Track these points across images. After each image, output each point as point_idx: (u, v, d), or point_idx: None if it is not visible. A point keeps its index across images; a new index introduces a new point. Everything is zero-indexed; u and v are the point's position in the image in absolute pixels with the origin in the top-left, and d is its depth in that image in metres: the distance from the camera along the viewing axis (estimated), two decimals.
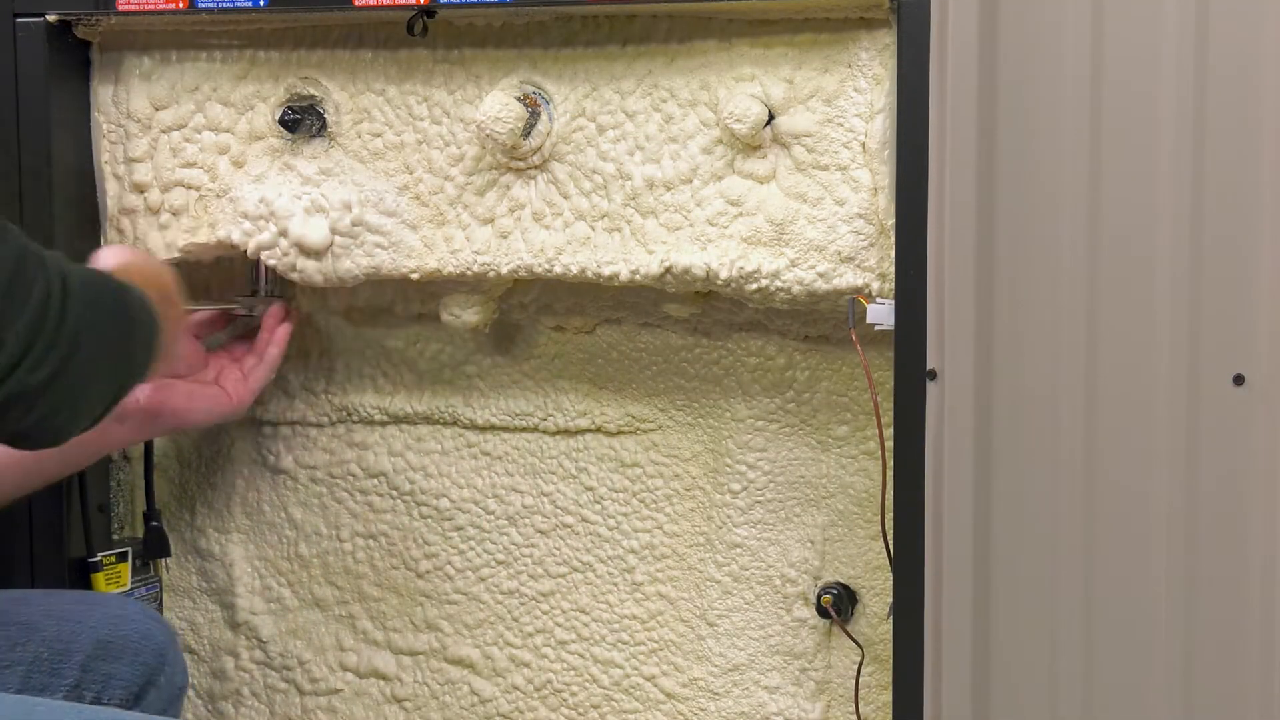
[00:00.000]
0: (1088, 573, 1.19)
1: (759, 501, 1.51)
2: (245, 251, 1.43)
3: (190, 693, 1.63)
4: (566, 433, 1.56)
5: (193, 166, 1.45)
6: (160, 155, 1.45)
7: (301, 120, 1.40)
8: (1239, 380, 1.15)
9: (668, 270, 1.33)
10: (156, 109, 1.45)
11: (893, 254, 1.23)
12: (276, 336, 1.46)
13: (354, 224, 1.40)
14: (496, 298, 1.47)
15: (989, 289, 1.19)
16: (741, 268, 1.31)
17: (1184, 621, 1.17)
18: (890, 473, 1.26)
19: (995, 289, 1.19)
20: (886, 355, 1.27)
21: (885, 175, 1.26)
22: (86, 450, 1.30)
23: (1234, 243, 1.14)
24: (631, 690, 1.56)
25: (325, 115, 1.41)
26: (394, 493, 1.61)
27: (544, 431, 1.57)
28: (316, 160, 1.41)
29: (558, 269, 1.37)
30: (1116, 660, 1.19)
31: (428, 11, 1.34)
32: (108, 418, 1.07)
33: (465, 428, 1.59)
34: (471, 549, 1.60)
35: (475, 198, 1.38)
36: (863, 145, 1.27)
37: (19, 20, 1.38)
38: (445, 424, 1.59)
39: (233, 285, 1.58)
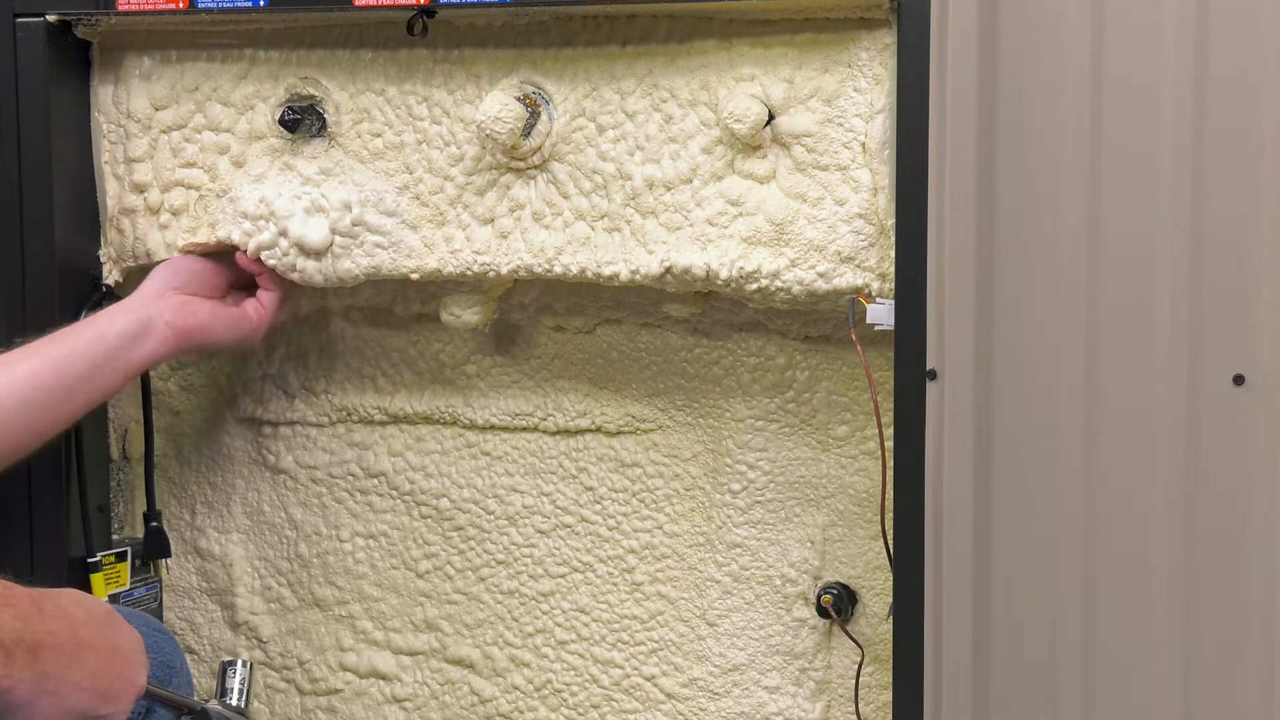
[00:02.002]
0: (1088, 573, 1.19)
1: (759, 501, 1.51)
2: (245, 252, 1.43)
3: None
4: (566, 433, 1.56)
5: (193, 166, 1.45)
6: (160, 155, 1.45)
7: (301, 120, 1.40)
8: (1239, 380, 1.15)
9: (668, 270, 1.33)
10: (156, 109, 1.45)
11: (893, 254, 1.23)
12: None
13: (354, 224, 1.40)
14: (496, 298, 1.47)
15: (989, 289, 1.19)
16: (741, 268, 1.31)
17: (1184, 621, 1.17)
18: (890, 473, 1.26)
19: (995, 289, 1.19)
20: (886, 355, 1.27)
21: (885, 175, 1.26)
22: (117, 370, 1.32)
23: (1234, 243, 1.14)
24: (631, 690, 1.56)
25: (325, 115, 1.41)
26: (394, 493, 1.61)
27: (544, 431, 1.57)
28: (316, 160, 1.41)
29: (558, 269, 1.37)
30: (1116, 660, 1.19)
31: (428, 11, 1.34)
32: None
33: (465, 428, 1.59)
34: (471, 549, 1.60)
35: (475, 198, 1.38)
36: (863, 145, 1.27)
37: (19, 20, 1.38)
38: (445, 424, 1.59)
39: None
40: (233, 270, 1.46)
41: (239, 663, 1.32)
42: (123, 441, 1.56)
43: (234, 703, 1.31)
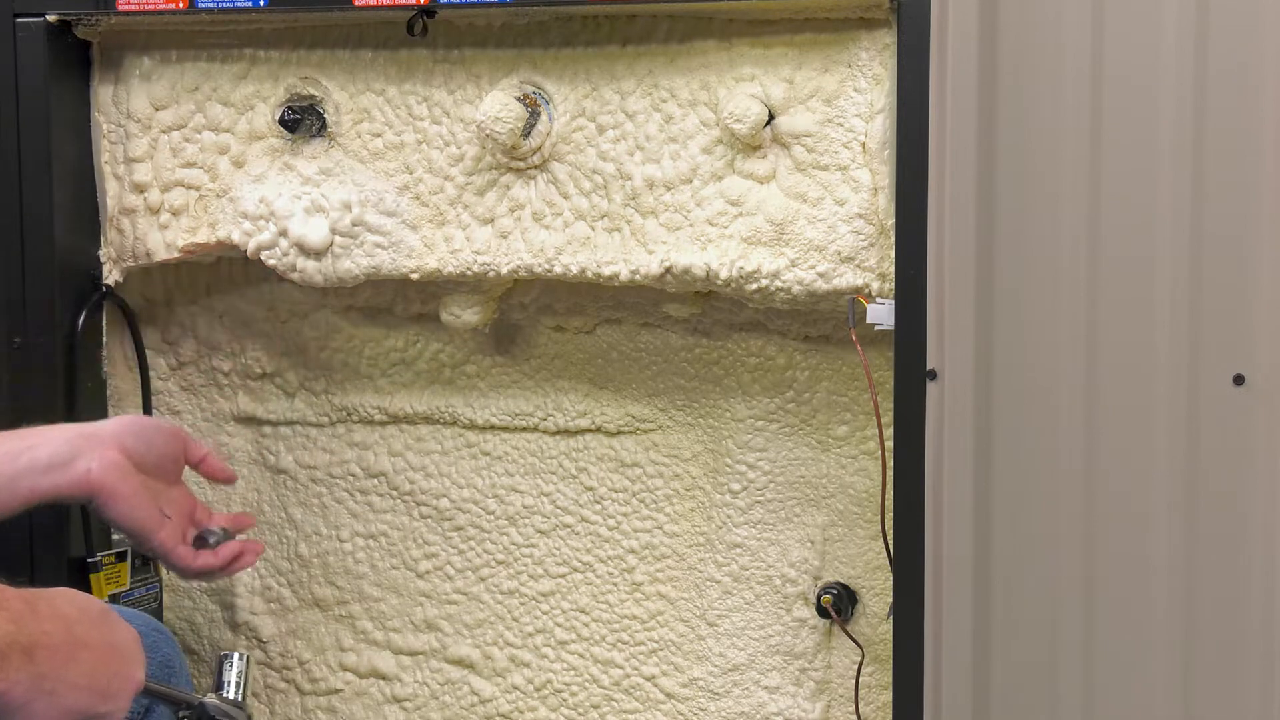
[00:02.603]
0: (1088, 572, 1.19)
1: (759, 501, 1.51)
2: (245, 252, 1.43)
3: None
4: (566, 433, 1.56)
5: (193, 166, 1.45)
6: (160, 155, 1.45)
7: (301, 120, 1.40)
8: (1239, 380, 1.15)
9: (668, 270, 1.33)
10: (156, 109, 1.45)
11: (893, 254, 1.23)
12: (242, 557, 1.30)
13: (354, 224, 1.40)
14: (496, 298, 1.47)
15: (989, 289, 1.19)
16: (741, 268, 1.31)
17: (1184, 621, 1.17)
18: (890, 473, 1.26)
19: (995, 289, 1.19)
20: (886, 355, 1.27)
21: (885, 175, 1.26)
22: (16, 494, 1.17)
23: (1234, 243, 1.14)
24: (631, 690, 1.56)
25: (325, 115, 1.41)
26: (394, 493, 1.61)
27: (544, 431, 1.57)
28: (316, 160, 1.41)
29: (558, 269, 1.37)
30: (1116, 660, 1.19)
31: (428, 11, 1.34)
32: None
33: (465, 428, 1.59)
34: (471, 549, 1.60)
35: (475, 198, 1.38)
36: (863, 145, 1.27)
37: (19, 20, 1.38)
38: (445, 424, 1.59)
39: (232, 286, 1.59)
40: (192, 460, 1.34)
41: (235, 656, 1.32)
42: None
43: (231, 696, 1.30)
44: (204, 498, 1.65)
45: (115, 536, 1.53)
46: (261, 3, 1.34)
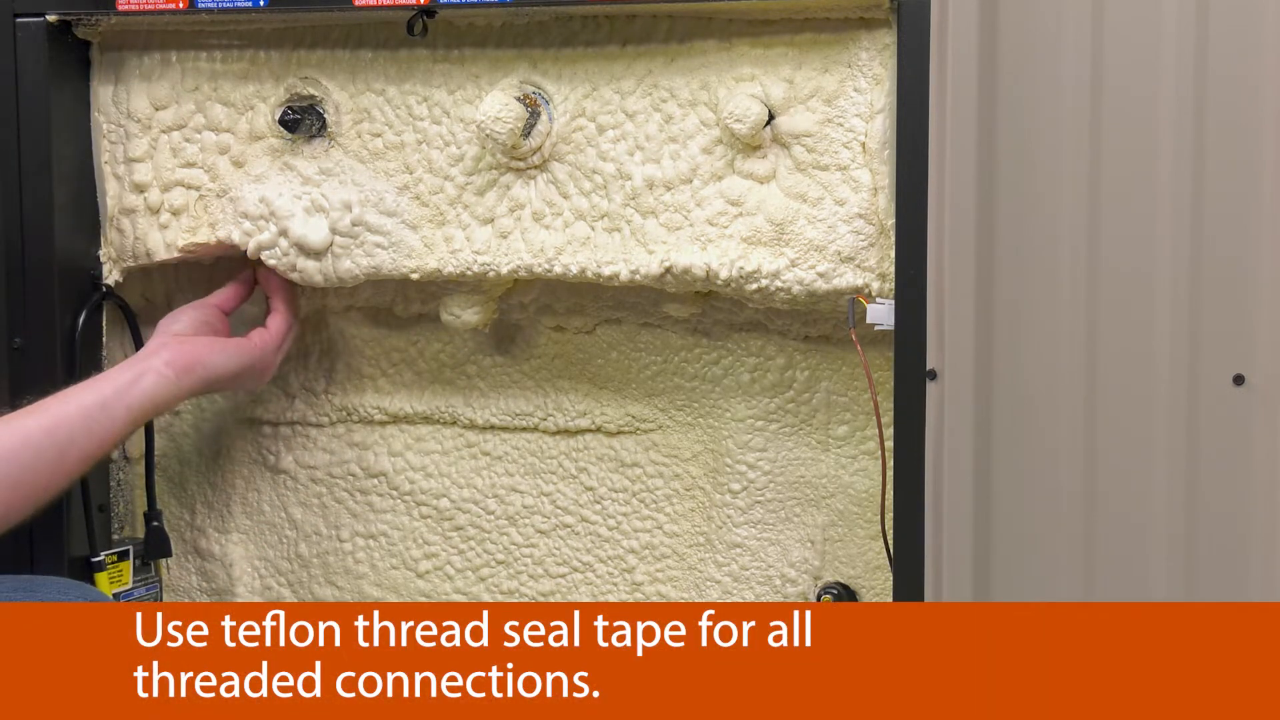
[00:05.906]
0: (1088, 574, 1.19)
1: (759, 501, 1.51)
2: (245, 252, 1.43)
3: None
4: (566, 433, 1.56)
5: (193, 166, 1.45)
6: (160, 155, 1.45)
7: (301, 120, 1.40)
8: (1239, 380, 1.15)
9: (668, 270, 1.33)
10: (156, 109, 1.45)
11: (893, 254, 1.23)
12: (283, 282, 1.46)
13: (354, 224, 1.40)
14: (496, 298, 1.47)
15: (989, 289, 1.19)
16: (741, 268, 1.31)
17: None
18: (890, 473, 1.26)
19: (995, 289, 1.19)
20: (886, 355, 1.27)
21: (885, 175, 1.26)
22: (114, 418, 1.27)
23: (1234, 243, 1.14)
24: None
25: (325, 115, 1.41)
26: (394, 493, 1.61)
27: (544, 431, 1.57)
28: (316, 160, 1.41)
29: (558, 269, 1.37)
30: None
31: (428, 11, 1.34)
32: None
33: (465, 428, 1.59)
34: (471, 549, 1.60)
35: (475, 198, 1.38)
36: (863, 145, 1.27)
37: (19, 20, 1.38)
38: (445, 424, 1.59)
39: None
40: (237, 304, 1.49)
41: None
42: (123, 441, 1.56)
43: None
44: (207, 493, 1.65)
45: (115, 537, 1.54)
46: (261, 3, 1.34)
